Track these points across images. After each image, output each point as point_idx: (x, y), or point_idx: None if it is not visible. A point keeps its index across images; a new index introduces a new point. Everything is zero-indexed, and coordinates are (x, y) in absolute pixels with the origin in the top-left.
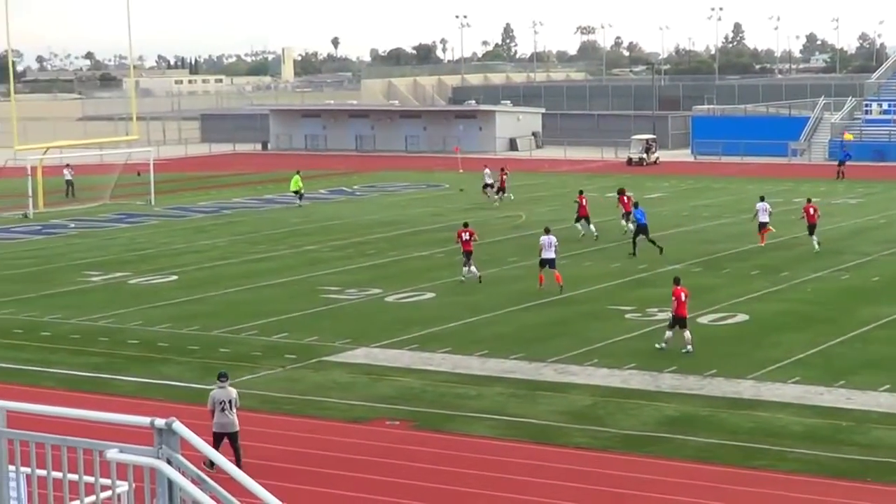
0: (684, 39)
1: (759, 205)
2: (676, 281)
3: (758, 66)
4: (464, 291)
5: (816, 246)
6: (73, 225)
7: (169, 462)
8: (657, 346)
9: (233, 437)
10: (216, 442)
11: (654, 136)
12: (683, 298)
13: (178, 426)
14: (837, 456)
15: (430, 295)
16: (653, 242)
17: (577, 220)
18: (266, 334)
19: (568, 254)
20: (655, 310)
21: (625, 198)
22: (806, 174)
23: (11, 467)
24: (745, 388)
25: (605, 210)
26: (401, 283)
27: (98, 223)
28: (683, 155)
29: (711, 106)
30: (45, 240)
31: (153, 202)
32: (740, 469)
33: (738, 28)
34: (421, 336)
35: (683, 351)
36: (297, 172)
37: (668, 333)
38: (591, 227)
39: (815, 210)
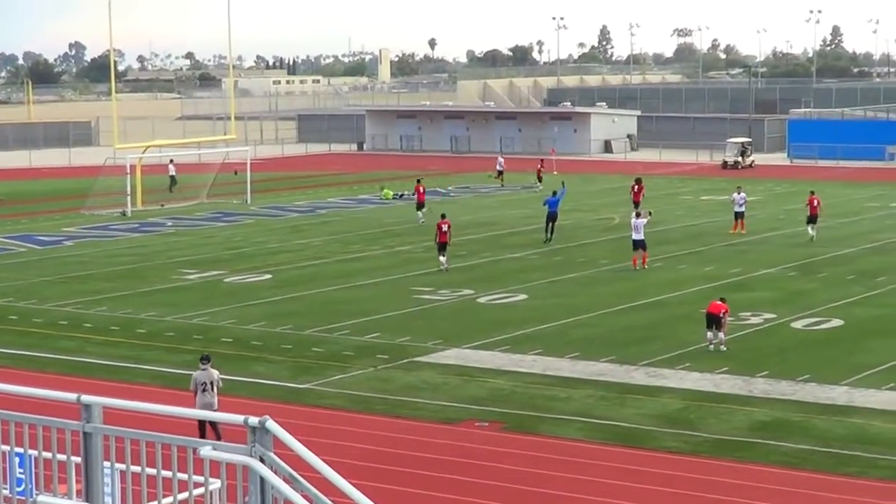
0: (782, 42)
1: (736, 196)
2: (721, 300)
3: (856, 70)
4: (556, 293)
5: (811, 233)
6: (170, 223)
7: (262, 460)
8: (711, 347)
9: None
10: (201, 423)
11: (750, 140)
12: (720, 302)
13: (271, 424)
14: None
15: (522, 296)
16: (551, 232)
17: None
18: (358, 334)
19: (663, 256)
20: (749, 314)
21: (636, 187)
22: None
23: (106, 463)
24: (839, 394)
25: (704, 212)
26: (493, 284)
27: (195, 222)
28: (779, 158)
29: (808, 109)
30: (142, 238)
31: (249, 201)
32: (831, 475)
33: (836, 31)
34: (512, 338)
35: (712, 348)
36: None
37: (709, 334)
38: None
39: (818, 202)
